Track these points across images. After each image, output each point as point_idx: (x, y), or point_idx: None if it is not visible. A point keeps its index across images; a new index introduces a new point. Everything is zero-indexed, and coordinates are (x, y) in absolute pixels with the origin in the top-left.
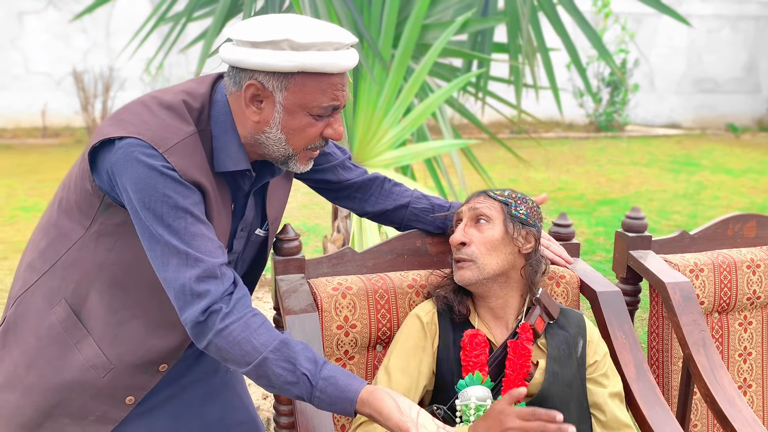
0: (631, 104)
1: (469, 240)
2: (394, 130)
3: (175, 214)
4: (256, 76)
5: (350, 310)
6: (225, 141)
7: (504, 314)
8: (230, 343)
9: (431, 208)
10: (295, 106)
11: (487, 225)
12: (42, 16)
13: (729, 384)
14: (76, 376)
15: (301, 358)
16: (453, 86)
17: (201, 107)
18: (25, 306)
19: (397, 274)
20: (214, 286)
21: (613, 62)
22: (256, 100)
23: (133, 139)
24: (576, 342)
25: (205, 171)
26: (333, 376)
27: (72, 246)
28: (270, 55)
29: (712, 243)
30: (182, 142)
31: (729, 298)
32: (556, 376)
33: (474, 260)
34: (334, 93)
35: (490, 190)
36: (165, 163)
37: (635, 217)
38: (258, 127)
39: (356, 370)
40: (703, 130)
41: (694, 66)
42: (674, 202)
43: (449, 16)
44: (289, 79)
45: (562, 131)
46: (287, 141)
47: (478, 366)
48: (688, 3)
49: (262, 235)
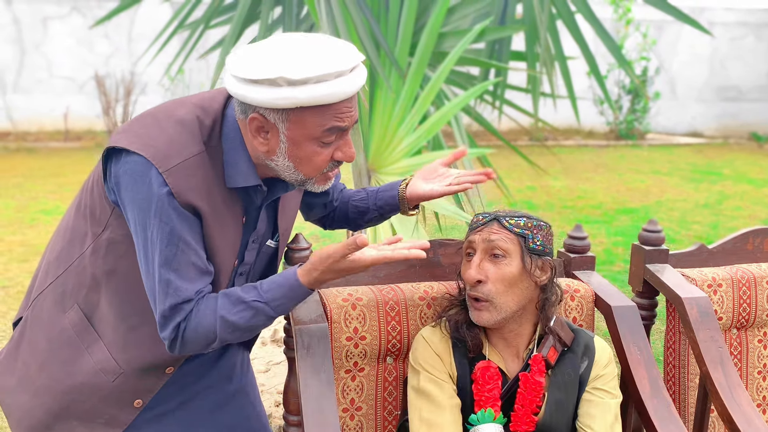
0: (652, 112)
1: (485, 277)
2: (410, 138)
3: (169, 241)
4: (258, 110)
5: (360, 321)
6: (235, 157)
7: (516, 343)
8: (194, 333)
9: (366, 195)
10: (299, 137)
11: (504, 260)
12: (66, 21)
13: (747, 402)
14: (87, 379)
15: (243, 294)
16: (469, 95)
17: (213, 123)
18: (39, 308)
19: (408, 285)
20: (184, 311)
21: (632, 71)
22: (262, 131)
23: (137, 157)
24: (580, 363)
25: (206, 191)
26: (272, 281)
27: (84, 251)
28: (267, 92)
29: (732, 257)
30: (185, 162)
31: (748, 314)
32: (560, 405)
33: (491, 300)
34: (337, 117)
35: (504, 216)
36: (163, 187)
37: (652, 230)
38: (267, 156)
39: (366, 382)
40: (726, 139)
41: (717, 74)
42: (695, 212)
43: (467, 24)
44: (288, 113)
45: (582, 139)
46: (296, 168)
47: (491, 400)
48: (711, 10)
49: (272, 246)
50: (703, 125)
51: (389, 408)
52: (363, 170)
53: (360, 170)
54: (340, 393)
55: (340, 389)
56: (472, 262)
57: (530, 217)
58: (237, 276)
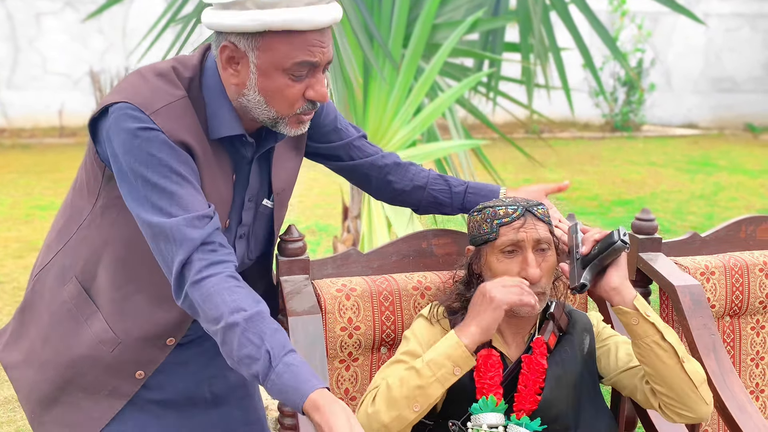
0: (648, 104)
1: (542, 272)
2: (405, 130)
3: (161, 173)
4: (228, 38)
5: (354, 311)
6: (217, 107)
7: (521, 329)
8: (203, 295)
9: (448, 188)
10: (268, 66)
11: (548, 252)
12: (59, 17)
13: (739, 389)
14: (87, 351)
15: (271, 336)
16: (463, 86)
17: (192, 75)
18: (41, 284)
19: (402, 275)
20: (192, 233)
21: (626, 63)
22: (233, 62)
23: (123, 104)
24: (582, 340)
25: (196, 135)
26: (295, 365)
27: (82, 223)
28: (236, 15)
29: (724, 245)
30: (170, 105)
31: (741, 302)
32: (559, 380)
33: (545, 292)
34: (308, 50)
35: (532, 206)
36: (152, 124)
37: (645, 218)
38: (238, 90)
39: (360, 372)
40: (721, 130)
41: (712, 65)
42: (691, 203)
43: (460, 15)
44: (257, 39)
45: (577, 131)
46: (267, 103)
47: (493, 388)
48: (706, 1)
49: (269, 206)
50: (698, 116)
51: None
52: None
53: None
54: (335, 383)
55: (335, 379)
56: (530, 260)
57: (538, 204)
58: (237, 239)
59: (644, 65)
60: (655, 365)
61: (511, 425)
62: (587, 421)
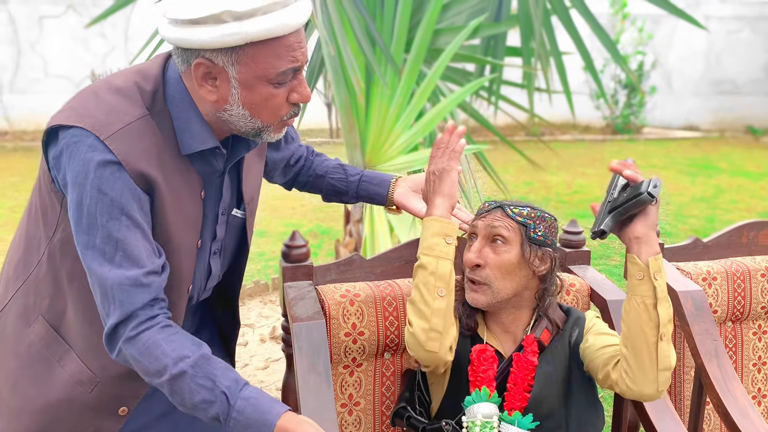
0: (649, 106)
1: (484, 262)
2: (406, 135)
3: (110, 214)
4: (203, 54)
5: (358, 317)
6: (186, 120)
7: (514, 328)
8: (140, 350)
9: (345, 177)
10: (251, 78)
11: (503, 247)
12: (62, 20)
13: (742, 394)
14: (63, 394)
15: (223, 376)
16: (465, 91)
17: (154, 88)
18: (2, 326)
19: (405, 281)
20: (134, 296)
21: (627, 66)
22: (209, 78)
23: (75, 129)
24: (571, 334)
25: (158, 157)
26: (254, 397)
27: (41, 258)
28: (212, 30)
29: (726, 251)
30: (127, 127)
31: (743, 307)
32: (549, 377)
33: (488, 284)
34: (291, 55)
35: (509, 205)
36: (106, 154)
37: None
38: (217, 106)
39: (364, 377)
40: (722, 133)
41: (713, 67)
42: (691, 205)
43: (462, 20)
44: (238, 52)
45: (578, 133)
46: (252, 115)
47: (486, 381)
48: (707, 3)
49: (240, 217)
50: (699, 119)
51: (387, 403)
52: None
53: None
54: (339, 389)
55: (339, 385)
56: (473, 246)
57: (534, 208)
58: (212, 255)
59: (645, 68)
60: (633, 326)
61: (504, 423)
62: (580, 415)
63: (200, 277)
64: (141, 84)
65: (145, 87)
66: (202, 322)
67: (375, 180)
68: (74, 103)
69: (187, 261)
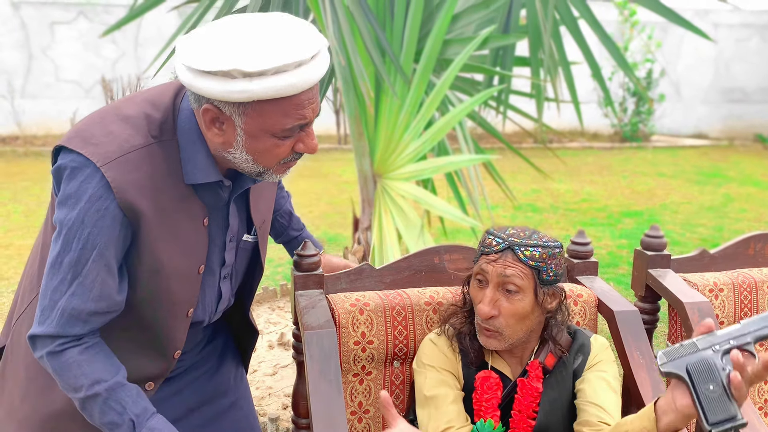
0: (657, 114)
1: (498, 312)
2: (415, 144)
3: (85, 246)
4: (212, 101)
5: (367, 326)
6: (192, 152)
7: (520, 352)
8: (62, 365)
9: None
10: (256, 130)
11: (517, 296)
12: (73, 26)
13: (747, 406)
14: (64, 405)
15: (133, 404)
16: (474, 101)
17: (164, 117)
18: (17, 335)
19: (414, 290)
20: (72, 326)
21: (634, 75)
22: (217, 122)
23: (75, 155)
24: (575, 359)
25: (152, 188)
26: (158, 429)
27: None
28: (221, 84)
29: (733, 262)
30: (126, 155)
31: None
32: (554, 403)
33: (501, 332)
34: (299, 113)
35: (519, 246)
36: (100, 184)
37: (654, 235)
38: (223, 147)
39: (373, 385)
40: (731, 141)
41: (722, 75)
42: (700, 214)
43: (471, 31)
44: (246, 106)
45: (586, 141)
46: (255, 161)
47: (490, 410)
48: (715, 12)
49: (251, 241)
50: (708, 127)
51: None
52: (369, 175)
53: (366, 175)
54: (348, 396)
55: (348, 393)
56: (485, 297)
57: (544, 246)
58: (222, 280)
59: (654, 75)
60: None
61: None
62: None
63: (210, 301)
64: (150, 113)
65: (155, 116)
66: (215, 330)
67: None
68: (82, 125)
69: (186, 286)
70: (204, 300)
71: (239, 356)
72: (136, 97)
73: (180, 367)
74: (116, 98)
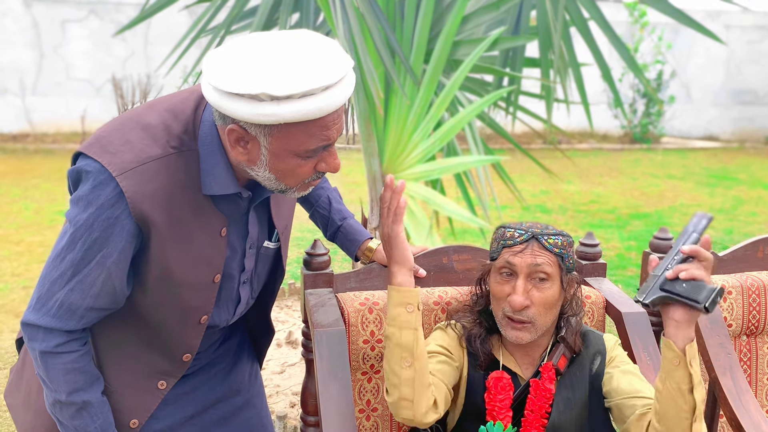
0: (667, 116)
1: (530, 302)
2: (425, 144)
3: (92, 248)
4: (237, 121)
5: (376, 324)
6: (212, 163)
7: (533, 351)
8: (48, 366)
9: (328, 217)
10: (281, 151)
11: (546, 284)
12: (84, 24)
13: (755, 408)
14: None
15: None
16: (483, 103)
17: (184, 128)
18: None
19: (423, 290)
20: (68, 320)
21: (644, 77)
22: (242, 141)
23: (93, 162)
24: (592, 362)
25: (166, 199)
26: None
27: None
28: (249, 107)
29: (742, 265)
30: (143, 165)
31: (758, 321)
32: (568, 403)
33: (533, 322)
34: (324, 134)
35: (542, 235)
36: (114, 192)
37: (663, 237)
38: (247, 164)
39: (382, 384)
40: (742, 143)
41: (733, 77)
42: None
43: (481, 32)
44: (272, 128)
45: (596, 142)
46: (278, 179)
47: (503, 411)
48: (727, 13)
49: (272, 247)
50: (718, 129)
51: None
52: (378, 175)
53: (375, 176)
54: (357, 394)
55: (357, 391)
56: (517, 287)
57: (563, 234)
58: (241, 285)
59: (664, 77)
60: (668, 408)
61: None
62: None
63: (227, 305)
64: (170, 124)
65: (175, 127)
66: (232, 329)
67: (350, 235)
68: (102, 132)
69: (199, 294)
70: (219, 304)
71: (254, 354)
72: (158, 105)
73: (195, 365)
74: (126, 97)
